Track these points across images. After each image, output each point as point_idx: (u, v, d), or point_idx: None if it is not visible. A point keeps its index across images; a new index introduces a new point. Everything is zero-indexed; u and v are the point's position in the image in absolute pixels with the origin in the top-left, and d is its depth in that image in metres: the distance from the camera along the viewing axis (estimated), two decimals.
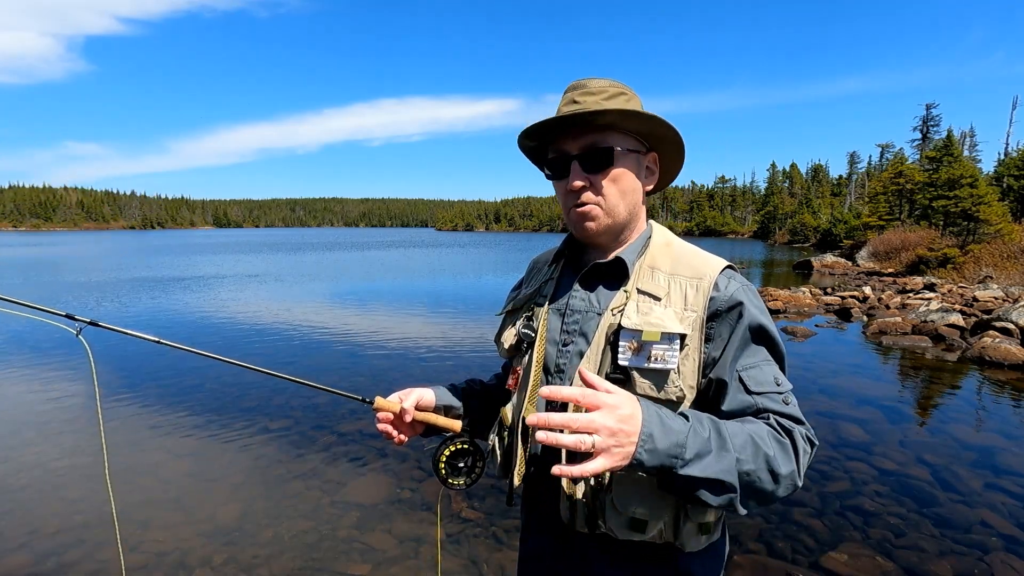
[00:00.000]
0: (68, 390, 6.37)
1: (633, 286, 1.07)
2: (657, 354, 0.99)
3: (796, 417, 0.99)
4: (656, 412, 0.88)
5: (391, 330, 10.13)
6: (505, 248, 50.00)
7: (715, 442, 0.88)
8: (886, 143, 74.51)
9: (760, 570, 3.15)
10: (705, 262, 1.08)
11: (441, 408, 1.29)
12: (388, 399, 1.22)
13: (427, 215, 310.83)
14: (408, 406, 1.21)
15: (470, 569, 3.13)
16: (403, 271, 24.49)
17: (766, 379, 1.00)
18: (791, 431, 0.96)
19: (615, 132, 1.06)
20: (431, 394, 1.27)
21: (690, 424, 0.89)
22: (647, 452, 0.84)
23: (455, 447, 1.24)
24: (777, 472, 0.90)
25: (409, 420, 1.21)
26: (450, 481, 1.24)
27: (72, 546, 3.29)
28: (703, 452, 0.87)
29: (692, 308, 1.02)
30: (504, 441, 1.21)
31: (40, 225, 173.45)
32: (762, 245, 56.35)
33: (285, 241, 68.02)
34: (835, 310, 12.71)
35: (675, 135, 1.09)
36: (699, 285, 1.04)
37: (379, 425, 1.21)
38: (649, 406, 0.88)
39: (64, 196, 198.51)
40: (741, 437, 0.90)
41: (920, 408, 6.19)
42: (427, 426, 1.26)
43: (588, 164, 1.06)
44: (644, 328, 1.00)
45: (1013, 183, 28.44)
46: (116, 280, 19.17)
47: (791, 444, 0.94)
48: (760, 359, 1.02)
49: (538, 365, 1.14)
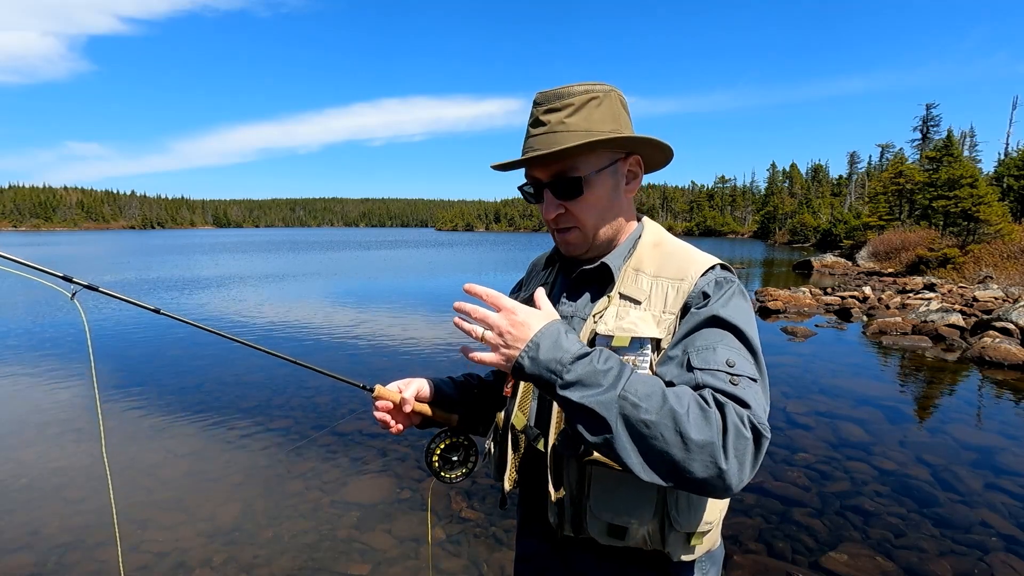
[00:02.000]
0: (65, 375, 6.37)
1: (616, 291, 1.06)
2: (629, 360, 0.96)
3: (741, 399, 0.84)
4: (558, 330, 0.88)
5: (392, 327, 10.12)
6: (507, 247, 49.99)
7: (609, 377, 0.83)
8: (886, 143, 74.59)
9: (760, 570, 3.15)
10: (690, 262, 1.04)
11: (438, 401, 1.29)
12: (388, 388, 1.21)
13: (427, 215, 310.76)
14: (408, 396, 1.20)
15: (470, 569, 3.13)
16: (403, 271, 24.49)
17: (716, 359, 0.89)
18: (723, 404, 0.82)
19: (585, 155, 1.02)
20: (429, 386, 1.27)
21: (590, 353, 0.86)
22: (529, 359, 0.87)
23: (450, 440, 1.24)
24: (686, 435, 0.79)
25: (408, 410, 1.21)
26: (443, 474, 1.24)
27: (71, 544, 3.30)
28: (587, 380, 0.83)
29: (670, 310, 1.00)
30: (497, 446, 1.21)
31: (40, 225, 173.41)
32: (762, 245, 56.33)
33: (286, 241, 68.02)
34: (835, 310, 12.72)
35: (646, 139, 1.05)
36: (680, 287, 1.01)
37: (377, 413, 1.20)
38: (557, 325, 0.89)
39: (64, 196, 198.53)
40: (647, 387, 0.83)
41: (920, 408, 6.19)
42: (423, 418, 1.26)
43: (559, 192, 1.04)
44: (615, 334, 0.99)
45: (1013, 183, 28.44)
46: (119, 281, 19.17)
47: (719, 416, 0.81)
48: (716, 341, 0.91)
49: None
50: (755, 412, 0.84)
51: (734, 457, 0.79)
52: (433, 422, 1.27)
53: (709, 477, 0.79)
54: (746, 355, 0.92)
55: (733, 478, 0.79)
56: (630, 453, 0.82)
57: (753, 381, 0.88)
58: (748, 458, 0.80)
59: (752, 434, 0.81)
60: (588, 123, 1.01)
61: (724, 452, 0.79)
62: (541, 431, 1.09)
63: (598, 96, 1.03)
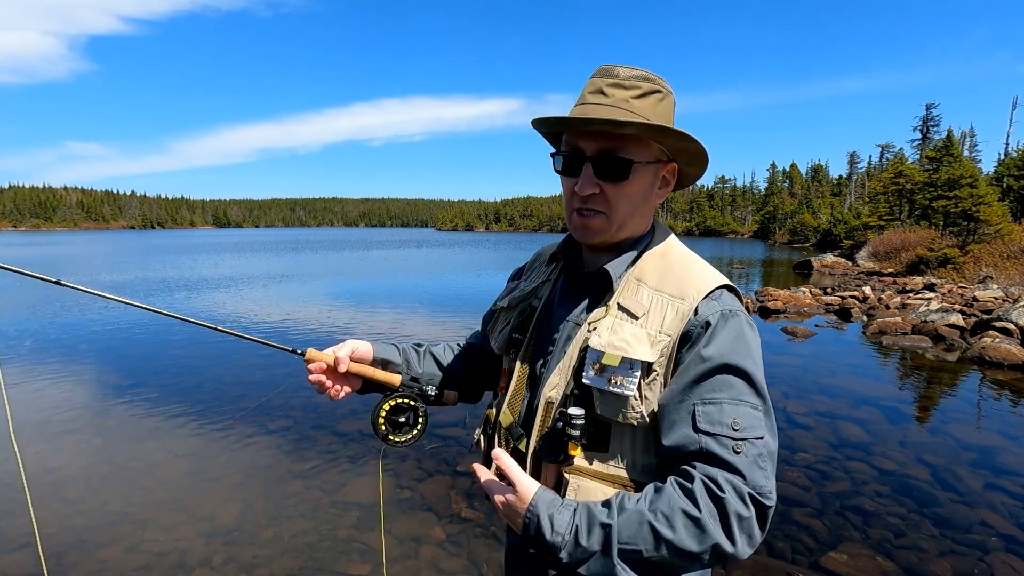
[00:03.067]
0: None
1: (615, 301, 1.02)
2: (616, 379, 0.94)
3: (740, 472, 0.85)
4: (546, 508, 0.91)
5: (392, 328, 10.13)
6: (507, 247, 49.96)
7: (598, 544, 0.86)
8: (886, 143, 74.54)
9: (760, 570, 3.15)
10: (693, 281, 1.00)
11: (379, 362, 1.24)
12: (323, 352, 1.18)
13: (427, 215, 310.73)
14: (342, 356, 1.17)
15: (469, 569, 3.13)
16: (403, 271, 24.48)
17: (723, 419, 0.88)
18: (719, 497, 0.83)
19: (637, 142, 0.98)
20: (367, 346, 1.23)
21: (573, 524, 0.88)
22: (533, 531, 0.91)
23: (395, 402, 1.19)
24: (688, 551, 0.83)
25: (343, 371, 1.17)
26: (391, 438, 1.19)
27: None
28: (580, 556, 0.86)
29: (667, 332, 0.95)
30: (489, 439, 1.22)
31: (40, 225, 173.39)
32: (762, 245, 56.34)
33: (286, 240, 67.98)
34: (835, 310, 12.71)
35: (700, 148, 1.01)
36: (679, 308, 0.97)
37: (311, 376, 1.17)
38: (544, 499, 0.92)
39: (64, 196, 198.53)
40: (631, 530, 0.84)
41: (920, 408, 6.20)
42: (364, 381, 1.23)
43: (602, 171, 0.98)
44: (607, 351, 0.95)
45: (1013, 183, 28.45)
46: (121, 282, 19.16)
47: (715, 509, 0.83)
48: (723, 395, 0.90)
49: (523, 371, 1.15)
50: (754, 482, 0.85)
51: (739, 536, 0.84)
52: (375, 386, 1.23)
53: (724, 560, 0.86)
54: (753, 401, 0.91)
55: (745, 551, 0.85)
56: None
57: (758, 440, 0.88)
58: (755, 529, 0.85)
59: (754, 508, 0.85)
60: (652, 113, 0.98)
61: (729, 539, 0.83)
62: (525, 432, 1.09)
63: (662, 91, 1.01)
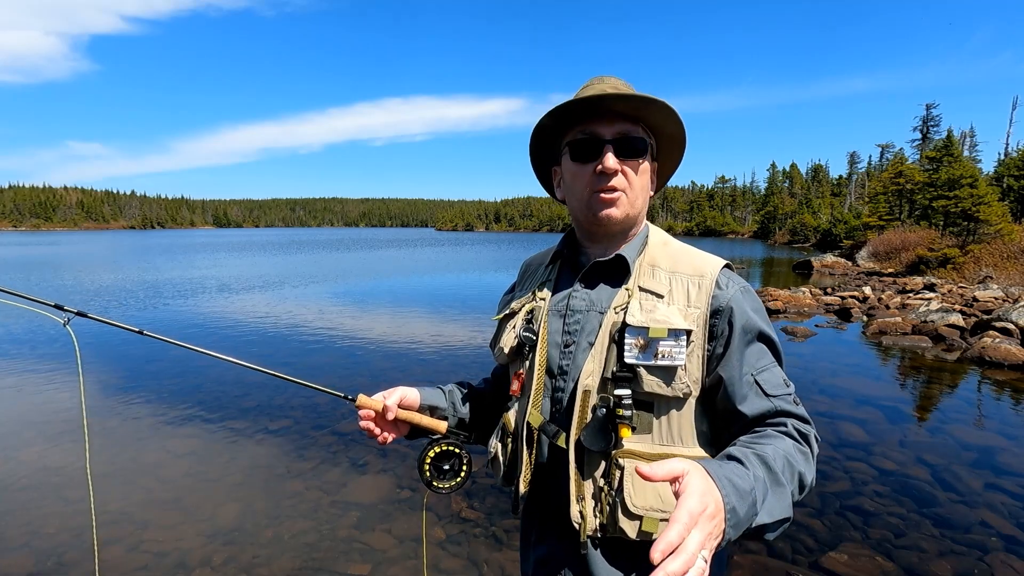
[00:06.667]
0: (59, 388, 6.37)
1: (635, 284, 1.07)
2: (664, 351, 0.99)
3: (806, 418, 1.02)
4: (728, 480, 0.78)
5: (391, 329, 10.13)
6: (507, 247, 49.97)
7: (770, 480, 0.87)
8: (886, 143, 74.53)
9: (760, 570, 3.15)
10: (704, 260, 1.09)
11: (426, 408, 1.26)
12: (372, 397, 1.19)
13: (427, 215, 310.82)
14: (391, 403, 1.18)
15: (469, 569, 3.13)
16: (403, 270, 24.48)
17: (777, 381, 1.03)
18: (807, 437, 0.99)
19: (642, 131, 1.08)
20: (415, 393, 1.25)
21: (750, 472, 0.84)
22: (732, 528, 0.77)
23: (440, 448, 1.20)
24: (805, 485, 0.94)
25: (391, 418, 1.19)
26: (435, 484, 1.20)
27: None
28: (766, 498, 0.85)
29: (695, 305, 1.03)
30: (507, 447, 1.19)
31: (40, 225, 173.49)
32: (762, 245, 56.30)
33: (287, 240, 67.99)
34: (835, 310, 12.71)
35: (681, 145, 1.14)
36: (700, 283, 1.05)
37: (361, 423, 1.19)
38: (720, 476, 0.77)
39: (64, 196, 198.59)
40: (780, 461, 0.91)
41: (920, 408, 6.19)
42: (412, 427, 1.23)
43: (622, 151, 1.06)
44: (651, 325, 1.00)
45: (1013, 183, 28.44)
46: (120, 282, 19.16)
47: (809, 450, 0.98)
48: (768, 361, 1.04)
49: (540, 368, 1.13)
50: (812, 424, 1.03)
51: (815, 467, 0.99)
52: (421, 431, 1.24)
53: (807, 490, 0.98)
54: (778, 359, 1.07)
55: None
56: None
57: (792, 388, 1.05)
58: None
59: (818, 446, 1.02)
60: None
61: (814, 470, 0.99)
62: (561, 427, 1.08)
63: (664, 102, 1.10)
